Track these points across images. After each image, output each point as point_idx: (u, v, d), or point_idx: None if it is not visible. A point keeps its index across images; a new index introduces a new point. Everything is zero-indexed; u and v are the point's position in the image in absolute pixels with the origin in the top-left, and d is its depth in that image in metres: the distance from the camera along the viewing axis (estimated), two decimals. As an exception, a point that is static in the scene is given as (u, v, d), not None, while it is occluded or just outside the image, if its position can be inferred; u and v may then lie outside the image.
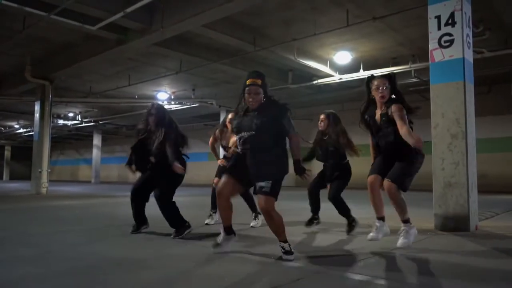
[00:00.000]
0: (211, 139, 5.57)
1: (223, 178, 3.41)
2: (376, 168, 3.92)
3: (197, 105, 17.54)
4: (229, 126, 4.56)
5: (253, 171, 3.28)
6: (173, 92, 17.50)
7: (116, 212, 7.38)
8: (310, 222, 4.87)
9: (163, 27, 8.89)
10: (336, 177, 4.71)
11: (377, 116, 3.92)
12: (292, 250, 3.24)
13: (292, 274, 2.79)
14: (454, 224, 4.75)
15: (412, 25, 9.72)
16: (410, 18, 9.20)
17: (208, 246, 3.63)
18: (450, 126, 4.90)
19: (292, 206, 7.78)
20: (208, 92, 17.03)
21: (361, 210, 5.89)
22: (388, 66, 11.86)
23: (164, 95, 17.37)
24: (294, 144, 3.35)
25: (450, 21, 4.96)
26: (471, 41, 5.12)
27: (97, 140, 28.02)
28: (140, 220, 4.66)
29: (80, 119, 22.89)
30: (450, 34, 4.96)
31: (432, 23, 5.12)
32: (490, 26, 9.21)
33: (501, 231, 4.79)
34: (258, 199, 3.27)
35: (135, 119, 22.70)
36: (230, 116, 4.57)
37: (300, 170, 3.28)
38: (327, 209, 4.98)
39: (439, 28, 5.06)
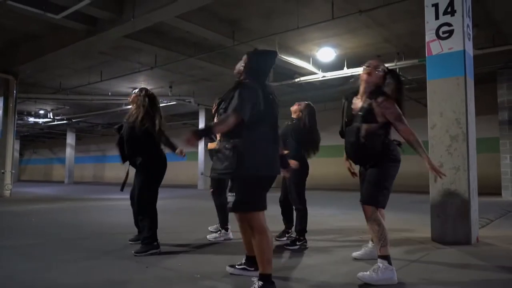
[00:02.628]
0: None
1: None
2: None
3: (174, 103, 16.79)
4: None
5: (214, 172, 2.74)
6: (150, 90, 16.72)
7: (79, 219, 6.66)
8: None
9: (134, 17, 8.19)
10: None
11: (356, 105, 3.17)
12: None
13: None
14: (454, 236, 4.25)
15: (399, 20, 9.27)
16: (397, 12, 8.76)
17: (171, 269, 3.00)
18: (449, 126, 4.39)
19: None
20: (186, 90, 16.32)
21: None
22: (373, 64, 11.40)
23: (139, 92, 16.56)
24: (223, 117, 2.61)
25: (449, 10, 4.45)
26: (471, 33, 4.64)
27: (70, 139, 26.87)
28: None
29: (52, 117, 21.81)
30: (449, 24, 4.45)
31: (429, 12, 4.59)
32: (478, 23, 8.83)
33: (503, 243, 4.31)
34: None
35: (110, 117, 21.81)
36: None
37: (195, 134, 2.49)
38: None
39: (437, 18, 4.53)
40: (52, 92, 16.02)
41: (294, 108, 4.48)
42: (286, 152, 3.54)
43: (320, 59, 11.82)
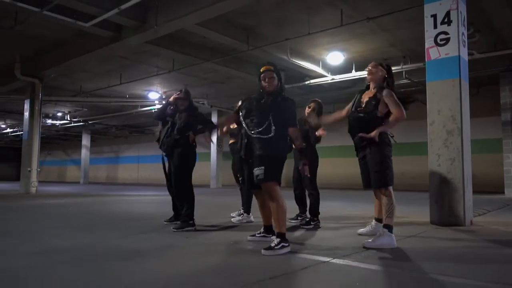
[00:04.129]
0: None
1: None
2: (364, 182, 3.93)
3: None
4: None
5: (252, 156, 3.40)
6: (164, 92, 17.42)
7: (111, 209, 7.32)
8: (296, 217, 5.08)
9: (157, 25, 8.86)
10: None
11: (364, 98, 3.89)
12: (278, 247, 3.10)
13: (296, 264, 2.81)
14: (450, 219, 4.82)
15: (404, 26, 9.84)
16: (403, 19, 9.32)
17: (208, 239, 3.62)
18: (446, 122, 4.98)
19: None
20: (200, 92, 16.98)
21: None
22: (380, 67, 11.96)
23: (155, 95, 17.27)
24: (293, 134, 3.48)
25: (446, 20, 5.05)
26: (466, 40, 5.22)
27: (86, 140, 27.73)
28: (176, 212, 4.86)
29: (69, 119, 22.63)
30: (446, 33, 5.04)
31: (428, 22, 5.20)
32: (480, 29, 9.37)
33: (495, 226, 4.88)
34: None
35: (125, 119, 22.59)
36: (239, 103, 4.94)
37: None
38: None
39: (435, 27, 5.13)
40: (72, 95, 16.77)
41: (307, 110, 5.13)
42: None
43: (329, 62, 12.42)
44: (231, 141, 5.56)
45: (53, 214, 6.41)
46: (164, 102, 4.84)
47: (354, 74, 12.33)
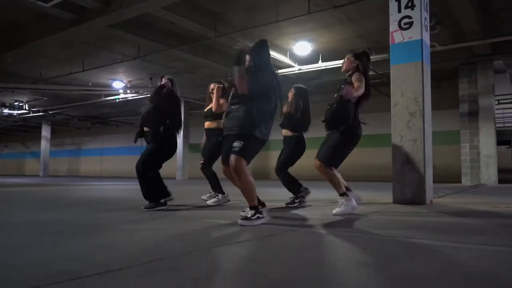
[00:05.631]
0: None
1: (222, 167, 3.62)
2: (319, 152, 4.13)
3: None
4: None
5: (227, 131, 3.36)
6: (129, 81, 17.03)
7: (85, 196, 7.08)
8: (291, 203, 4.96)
9: (122, 7, 8.63)
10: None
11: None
12: (254, 218, 3.12)
13: (263, 231, 2.81)
14: (411, 198, 4.96)
15: (370, 17, 10.04)
16: (370, 9, 9.51)
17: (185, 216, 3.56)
18: (408, 104, 5.11)
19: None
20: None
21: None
22: (346, 58, 12.17)
23: (119, 84, 16.86)
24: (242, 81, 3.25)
25: (409, 4, 5.17)
26: (428, 25, 5.36)
27: (46, 132, 26.69)
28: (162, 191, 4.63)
29: (27, 109, 21.72)
30: (409, 17, 5.16)
31: (392, 6, 5.30)
32: (441, 21, 9.68)
33: (454, 205, 5.07)
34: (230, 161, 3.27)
35: (87, 109, 21.92)
36: (211, 86, 5.19)
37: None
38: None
39: (399, 11, 5.25)
40: (31, 82, 16.09)
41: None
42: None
43: (296, 52, 12.51)
44: (206, 127, 5.43)
45: (12, 200, 6.12)
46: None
47: (321, 65, 12.47)
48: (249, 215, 3.15)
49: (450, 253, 2.14)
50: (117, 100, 18.54)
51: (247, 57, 3.41)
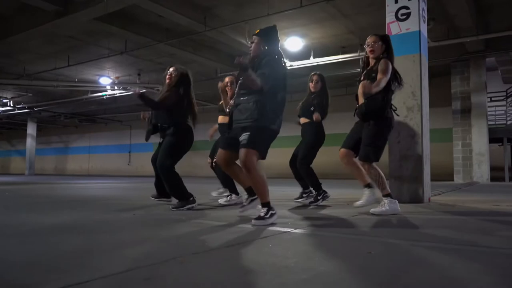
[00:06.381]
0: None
1: (218, 153, 3.37)
2: (345, 142, 3.95)
3: (143, 91, 16.71)
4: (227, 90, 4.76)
5: (237, 123, 3.14)
6: (117, 77, 16.63)
7: (79, 194, 6.76)
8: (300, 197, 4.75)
9: (107, -1, 8.31)
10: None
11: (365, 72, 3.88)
12: (268, 216, 2.93)
13: (258, 233, 2.56)
14: (409, 196, 4.75)
15: (363, 12, 9.84)
16: (362, 5, 9.31)
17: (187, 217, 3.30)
18: (406, 99, 4.90)
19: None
20: (155, 78, 16.34)
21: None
22: (338, 54, 11.99)
23: (106, 80, 16.45)
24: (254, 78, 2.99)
25: (407, -6, 4.96)
26: (426, 16, 5.16)
27: (31, 129, 26.09)
28: (160, 190, 4.46)
29: (12, 105, 21.16)
30: (407, 8, 4.95)
31: (389, -4, 5.09)
32: (434, 17, 9.53)
33: (453, 203, 4.87)
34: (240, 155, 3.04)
35: (74, 106, 21.44)
36: (226, 79, 4.84)
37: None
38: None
39: (396, 1, 5.04)
40: (14, 78, 15.62)
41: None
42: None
43: (288, 48, 12.26)
44: (220, 122, 5.13)
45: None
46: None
47: (313, 61, 12.24)
48: (262, 214, 2.94)
49: (466, 257, 1.91)
50: (105, 97, 18.14)
51: (253, 46, 3.22)
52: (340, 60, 12.08)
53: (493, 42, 11.56)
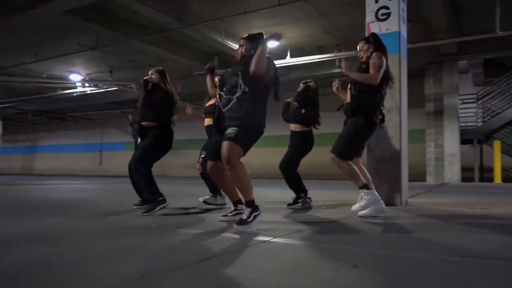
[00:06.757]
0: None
1: (208, 164, 3.36)
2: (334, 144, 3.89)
3: (115, 88, 16.31)
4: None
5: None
6: (88, 74, 16.10)
7: (51, 196, 6.39)
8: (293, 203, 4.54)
9: (77, -9, 7.96)
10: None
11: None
12: (251, 219, 2.80)
13: (236, 244, 2.40)
14: (387, 198, 4.67)
15: (340, 12, 9.81)
16: (340, 3, 9.26)
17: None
18: (385, 100, 4.82)
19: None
20: (127, 76, 15.90)
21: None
22: (314, 54, 11.96)
23: (77, 77, 15.89)
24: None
25: (387, -6, 4.90)
26: (405, 17, 5.12)
27: (-4, 127, 25.02)
28: (140, 193, 4.21)
29: (-26, 102, 20.19)
30: (387, 7, 4.90)
31: (369, -5, 5.02)
32: (410, 18, 9.57)
33: (428, 205, 4.85)
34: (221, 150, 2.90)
35: (43, 103, 20.65)
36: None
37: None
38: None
39: (376, 1, 4.97)
40: (-22, 73, 14.89)
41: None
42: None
43: (264, 47, 12.12)
44: (206, 124, 4.88)
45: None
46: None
47: (289, 61, 12.17)
48: (244, 216, 2.82)
49: (456, 271, 1.81)
50: (75, 94, 17.53)
51: (242, 49, 3.19)
52: (316, 60, 12.06)
53: (466, 45, 11.77)
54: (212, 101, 4.67)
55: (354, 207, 3.60)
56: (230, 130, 2.92)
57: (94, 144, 25.24)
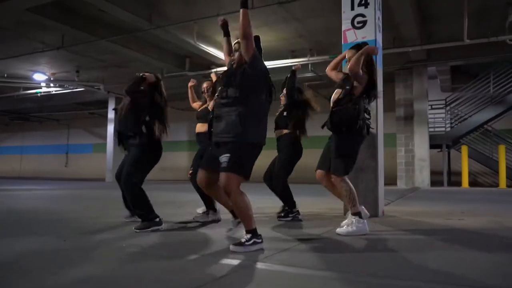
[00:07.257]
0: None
1: (198, 173, 3.17)
2: (320, 162, 3.87)
3: (82, 89, 15.77)
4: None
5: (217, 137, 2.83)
6: (53, 74, 15.46)
7: (17, 206, 5.96)
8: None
9: (40, -12, 7.55)
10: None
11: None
12: (249, 243, 2.65)
13: (215, 271, 2.22)
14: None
15: (315, 15, 9.77)
16: (314, 8, 9.22)
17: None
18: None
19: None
20: (95, 76, 15.40)
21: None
22: (288, 58, 11.90)
23: (41, 76, 15.24)
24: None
25: (363, 2, 4.83)
26: (381, 25, 5.07)
27: (-46, 127, 23.75)
28: (129, 206, 3.99)
29: None
30: (363, 15, 4.83)
31: (345, 2, 4.94)
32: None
33: (404, 216, 4.81)
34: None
35: (5, 103, 19.73)
36: (204, 85, 4.47)
37: None
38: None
39: (352, 8, 4.90)
40: None
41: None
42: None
43: (237, 50, 11.97)
44: (197, 130, 4.57)
45: None
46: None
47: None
48: (243, 240, 2.67)
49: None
50: (39, 94, 16.83)
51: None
52: (289, 64, 11.96)
53: (434, 52, 11.99)
54: (204, 105, 4.47)
55: (341, 231, 3.38)
56: (224, 159, 2.70)
57: (60, 146, 24.36)
